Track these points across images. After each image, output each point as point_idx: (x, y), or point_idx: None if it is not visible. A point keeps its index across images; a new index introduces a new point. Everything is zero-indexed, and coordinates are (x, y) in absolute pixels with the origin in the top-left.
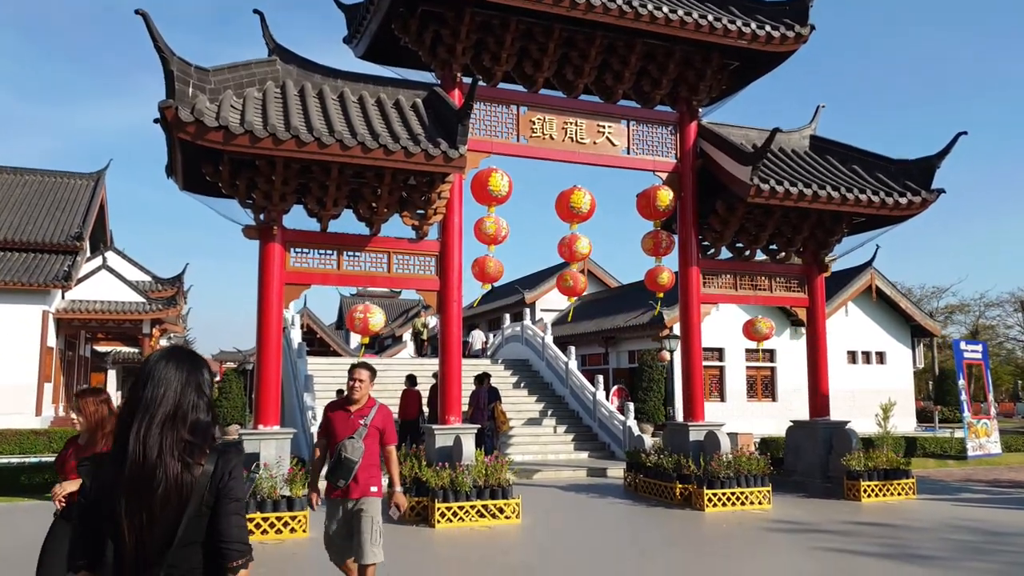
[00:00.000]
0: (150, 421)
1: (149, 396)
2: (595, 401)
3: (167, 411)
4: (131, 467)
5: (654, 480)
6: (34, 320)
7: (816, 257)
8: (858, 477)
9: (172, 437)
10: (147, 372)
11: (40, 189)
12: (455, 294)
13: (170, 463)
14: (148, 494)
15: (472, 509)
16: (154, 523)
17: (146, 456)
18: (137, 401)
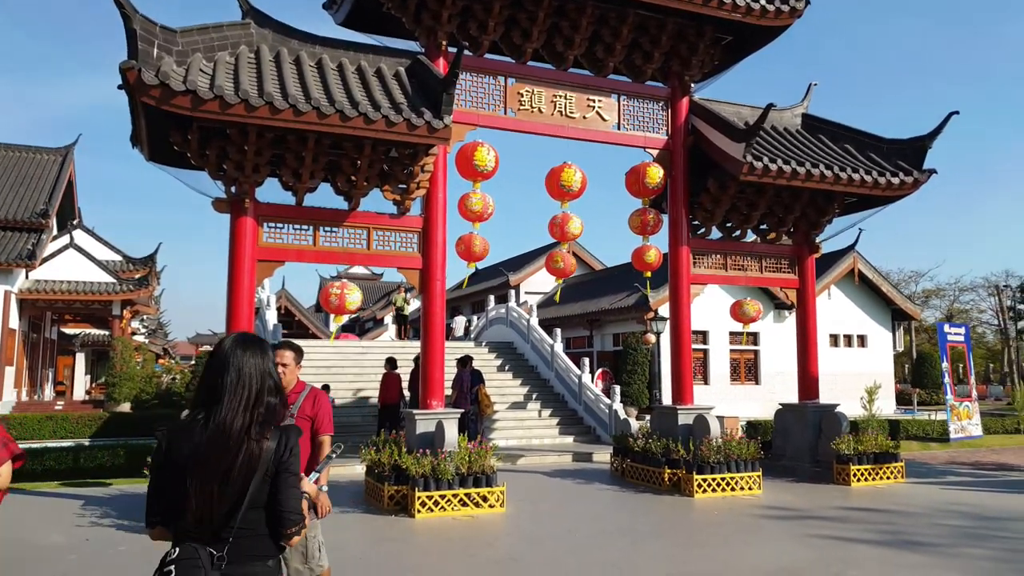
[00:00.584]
0: (237, 402)
1: (234, 380)
2: (581, 384)
3: (250, 394)
4: (214, 440)
5: (642, 465)
6: None
7: (807, 238)
8: (848, 461)
9: (252, 416)
10: (225, 357)
11: (4, 164)
12: (438, 272)
13: (248, 439)
14: (226, 464)
15: (454, 498)
16: (226, 489)
17: (231, 432)
18: (220, 383)
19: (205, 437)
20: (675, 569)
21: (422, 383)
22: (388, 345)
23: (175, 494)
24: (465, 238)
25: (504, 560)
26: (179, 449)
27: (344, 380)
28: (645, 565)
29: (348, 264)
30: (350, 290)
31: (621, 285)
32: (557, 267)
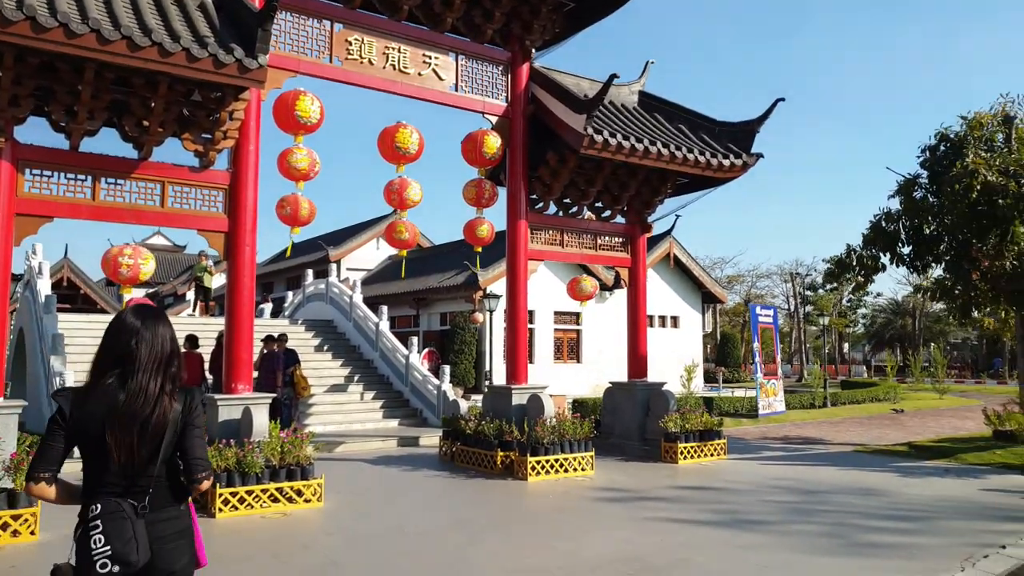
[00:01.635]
0: (151, 366)
1: (147, 346)
2: (408, 364)
3: (161, 358)
4: (133, 400)
5: (474, 448)
6: None
7: (640, 217)
8: (675, 439)
9: (165, 378)
10: (134, 327)
11: None
12: (247, 238)
13: (163, 400)
14: (145, 421)
15: (264, 493)
16: (143, 445)
17: (148, 393)
18: (132, 350)
19: (124, 398)
20: (517, 564)
21: (226, 364)
22: (188, 322)
23: (85, 453)
24: (290, 199)
25: (323, 566)
26: (89, 411)
27: None
28: (484, 563)
29: (136, 222)
30: (144, 258)
31: (450, 263)
32: (400, 238)
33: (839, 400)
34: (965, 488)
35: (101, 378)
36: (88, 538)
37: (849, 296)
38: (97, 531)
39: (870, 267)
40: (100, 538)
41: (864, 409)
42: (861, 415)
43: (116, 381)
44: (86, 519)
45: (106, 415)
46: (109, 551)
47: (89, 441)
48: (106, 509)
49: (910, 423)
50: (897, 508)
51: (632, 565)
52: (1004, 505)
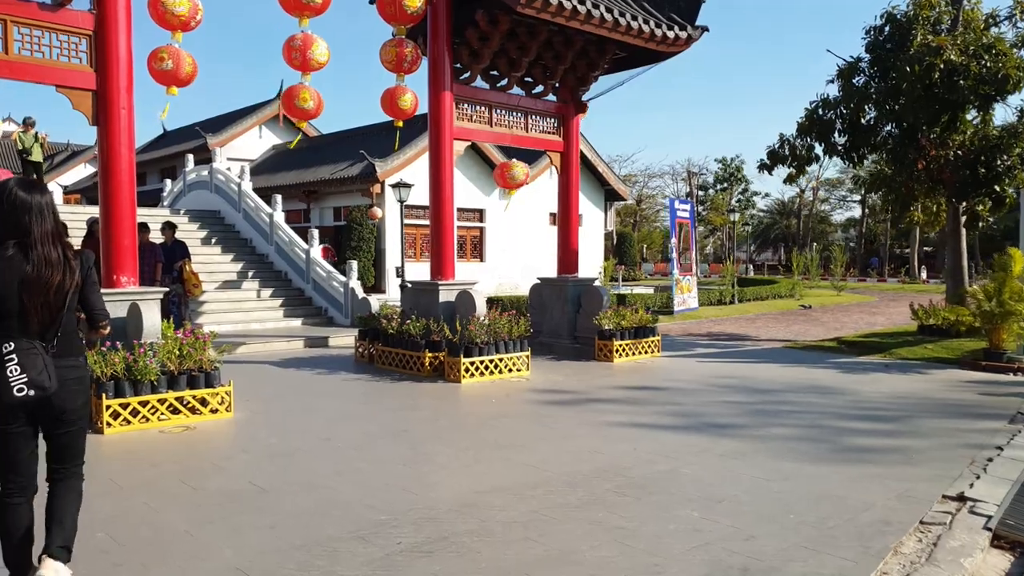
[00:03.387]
0: (46, 234)
1: (38, 216)
2: (308, 260)
3: (52, 231)
4: (39, 271)
5: (397, 349)
6: None
7: (574, 95)
8: (611, 337)
9: (61, 248)
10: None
11: None
12: (122, 97)
13: (68, 266)
14: (56, 287)
15: (161, 404)
16: (52, 300)
17: (52, 264)
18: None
19: (32, 268)
20: (480, 482)
21: (105, 253)
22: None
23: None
24: (169, 50)
25: (245, 493)
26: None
27: None
28: (441, 483)
29: None
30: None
31: (343, 154)
32: (303, 106)
33: (744, 297)
34: (915, 384)
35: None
36: (3, 368)
37: (738, 196)
38: (13, 363)
39: (803, 158)
40: (16, 368)
41: (772, 305)
42: (772, 311)
43: (17, 252)
44: (1, 355)
45: (20, 283)
46: (25, 378)
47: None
48: (20, 346)
49: (824, 319)
50: (862, 407)
51: (613, 479)
52: (966, 401)
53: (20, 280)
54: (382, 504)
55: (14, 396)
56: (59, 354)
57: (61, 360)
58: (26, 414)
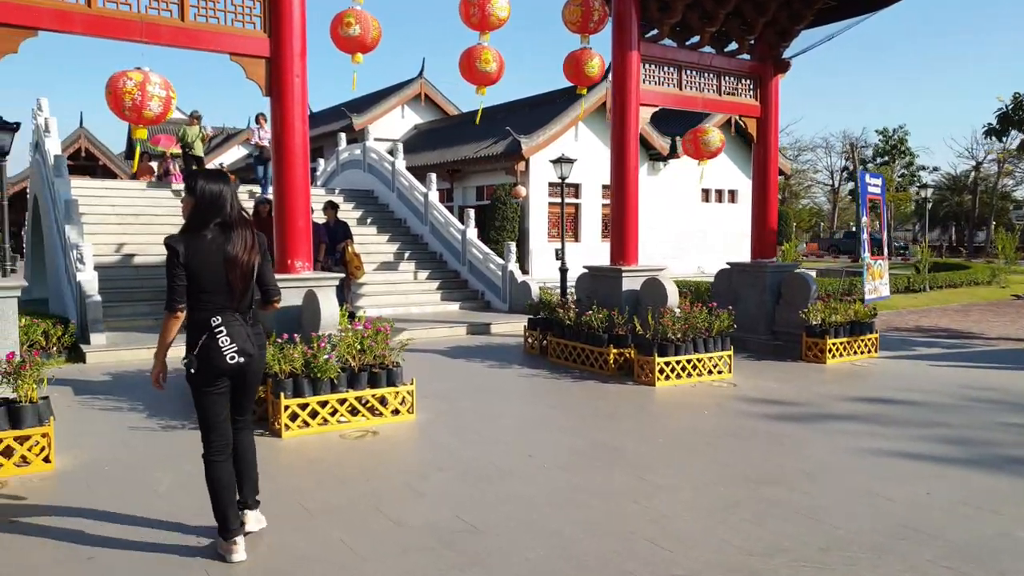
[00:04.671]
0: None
1: (232, 209)
2: (464, 240)
3: (241, 216)
4: (236, 250)
5: (575, 343)
6: None
7: (772, 51)
8: (822, 334)
9: (249, 231)
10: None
11: None
12: (296, 64)
13: (256, 246)
14: (249, 259)
15: (341, 405)
16: (246, 276)
17: (246, 244)
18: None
19: (232, 247)
20: (760, 540)
21: (279, 236)
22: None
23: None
24: (357, 13)
25: (457, 533)
26: (204, 255)
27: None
28: (698, 535)
29: (147, 40)
30: (153, 83)
31: (486, 131)
32: (484, 68)
33: (936, 283)
34: None
35: (201, 230)
36: (215, 340)
37: (900, 171)
38: (223, 335)
39: None
40: (227, 339)
41: (973, 294)
42: (979, 301)
43: (217, 235)
44: (211, 328)
45: (224, 259)
46: (236, 347)
47: (208, 276)
48: (226, 320)
49: None
50: None
51: (929, 545)
52: None
53: (223, 259)
54: (633, 564)
55: (227, 363)
56: (252, 322)
57: (252, 328)
58: (228, 378)
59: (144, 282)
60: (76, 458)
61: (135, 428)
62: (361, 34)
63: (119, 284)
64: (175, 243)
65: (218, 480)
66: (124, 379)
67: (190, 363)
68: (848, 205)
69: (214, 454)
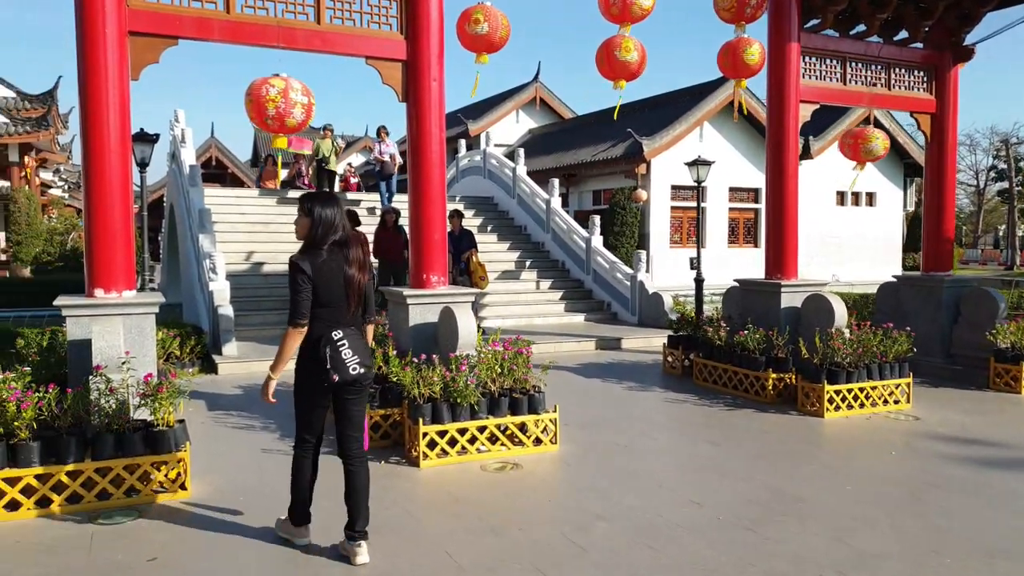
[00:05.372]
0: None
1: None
2: (589, 249)
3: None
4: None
5: (726, 365)
6: None
7: (952, 38)
8: (1016, 360)
9: (360, 251)
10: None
11: None
12: (434, 67)
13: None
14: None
15: (481, 432)
16: (359, 291)
17: (359, 263)
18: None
19: (348, 265)
20: None
21: (414, 249)
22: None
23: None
24: (486, 9)
25: None
26: (325, 272)
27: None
28: None
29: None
30: (295, 89)
31: (603, 134)
32: (625, 58)
33: None
34: None
35: (319, 248)
36: (339, 352)
37: None
38: (345, 347)
39: None
40: (349, 351)
41: None
42: None
43: (335, 252)
44: (334, 341)
45: (343, 277)
46: (357, 359)
47: (328, 292)
48: (347, 333)
49: None
50: None
51: None
52: None
53: (342, 277)
54: None
55: (350, 374)
56: (363, 335)
57: (364, 340)
58: (342, 388)
59: (272, 290)
60: (211, 484)
61: (268, 451)
62: (489, 32)
63: (248, 292)
64: (300, 261)
65: (302, 473)
66: (254, 393)
67: (325, 375)
68: (996, 207)
69: (305, 451)
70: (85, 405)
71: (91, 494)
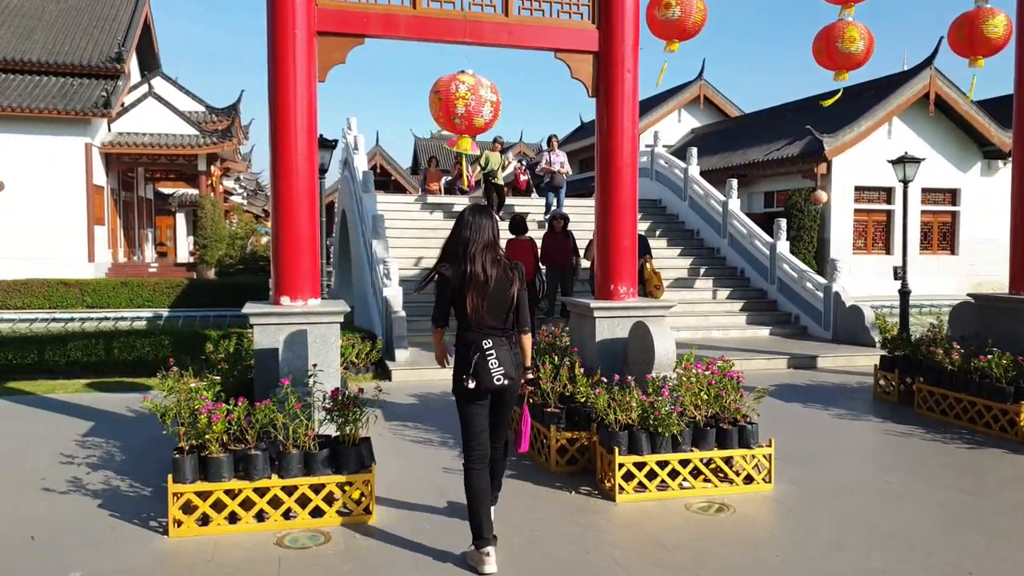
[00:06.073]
0: (478, 248)
1: (474, 234)
2: (774, 255)
3: (486, 242)
4: (473, 273)
5: (962, 395)
6: (76, 154)
7: None
8: None
9: (491, 256)
10: (468, 219)
11: (76, 5)
12: (628, 58)
13: (506, 275)
14: (494, 289)
15: (683, 466)
16: (501, 303)
17: (483, 268)
18: (467, 237)
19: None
20: None
21: (601, 257)
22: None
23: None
24: None
25: None
26: (465, 281)
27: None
28: None
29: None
30: (484, 87)
31: (777, 132)
32: (848, 49)
33: None
34: None
35: (466, 256)
36: (486, 360)
37: None
38: (492, 356)
39: None
40: (495, 361)
41: None
42: None
43: (481, 262)
44: (482, 349)
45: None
46: (502, 370)
47: (475, 302)
48: (495, 343)
49: None
50: None
51: None
52: None
53: (489, 288)
54: None
55: (493, 384)
56: (513, 345)
57: (510, 350)
58: (491, 396)
59: None
60: (395, 507)
61: (449, 471)
62: (681, 17)
63: (417, 298)
64: (445, 271)
65: (475, 488)
66: (430, 404)
67: (467, 382)
68: None
69: (473, 463)
70: (272, 419)
71: (277, 512)
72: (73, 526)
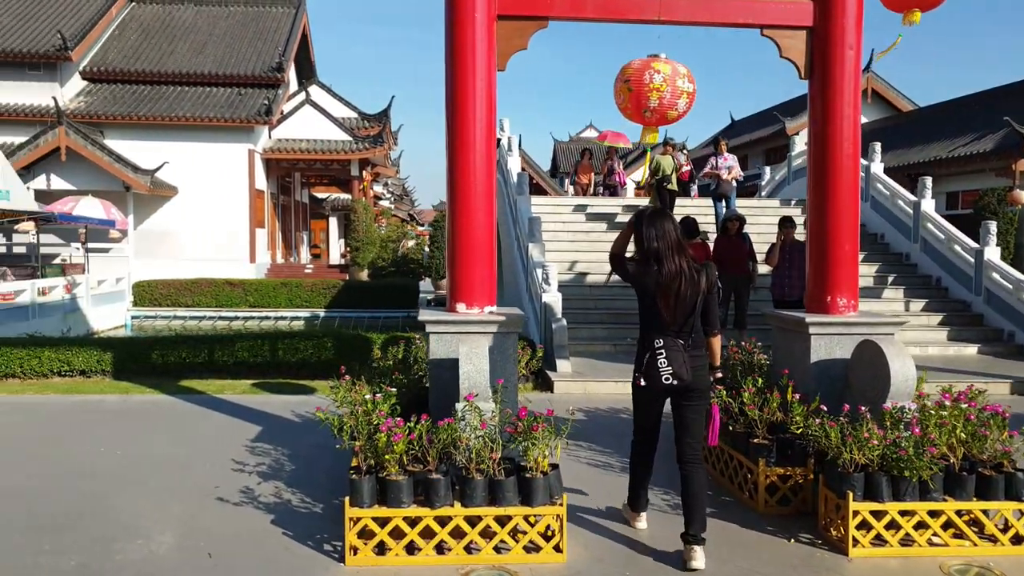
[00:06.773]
0: (670, 250)
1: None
2: (980, 263)
3: (674, 243)
4: (668, 275)
5: None
6: (240, 160)
7: None
8: None
9: (683, 257)
10: (650, 221)
11: (243, 20)
12: (850, 34)
13: (692, 276)
14: (677, 290)
15: (934, 518)
16: (683, 303)
17: (671, 272)
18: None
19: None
20: None
21: (815, 263)
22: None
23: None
24: None
25: None
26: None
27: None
28: None
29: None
30: (682, 76)
31: (959, 127)
32: None
33: None
34: None
35: (647, 258)
36: (655, 360)
37: None
38: (662, 356)
39: None
40: (664, 361)
41: None
42: None
43: (660, 264)
44: (653, 348)
45: (664, 288)
46: (671, 370)
47: (650, 302)
48: (667, 343)
49: None
50: None
51: None
52: None
53: (670, 290)
54: None
55: (661, 383)
56: (691, 347)
57: (692, 351)
58: (666, 395)
59: (598, 303)
60: (585, 546)
61: None
62: None
63: (574, 304)
64: (631, 267)
65: (636, 463)
66: (599, 421)
67: (638, 376)
68: None
69: (639, 444)
70: (455, 439)
71: (459, 545)
72: (247, 544)
